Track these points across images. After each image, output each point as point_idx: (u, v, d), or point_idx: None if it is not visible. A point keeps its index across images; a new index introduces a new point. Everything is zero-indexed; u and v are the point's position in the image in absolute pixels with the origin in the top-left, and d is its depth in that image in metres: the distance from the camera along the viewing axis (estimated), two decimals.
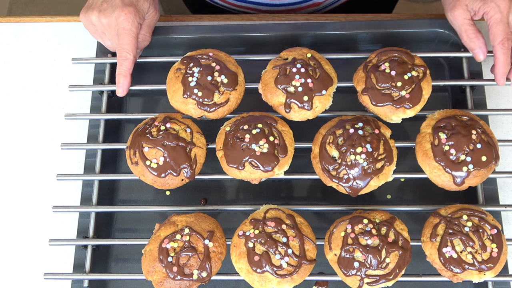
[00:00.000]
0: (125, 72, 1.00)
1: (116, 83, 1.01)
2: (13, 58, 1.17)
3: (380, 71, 0.95)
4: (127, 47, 0.98)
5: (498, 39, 0.95)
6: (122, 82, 1.00)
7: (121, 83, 1.00)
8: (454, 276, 0.86)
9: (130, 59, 0.99)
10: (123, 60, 0.99)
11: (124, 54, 0.99)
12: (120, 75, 1.00)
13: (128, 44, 0.98)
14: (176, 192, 1.06)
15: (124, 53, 0.99)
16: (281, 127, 0.95)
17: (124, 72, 1.00)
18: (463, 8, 0.97)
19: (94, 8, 1.00)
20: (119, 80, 1.00)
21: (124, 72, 1.00)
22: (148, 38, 1.04)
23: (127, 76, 1.00)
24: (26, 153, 1.10)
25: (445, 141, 0.90)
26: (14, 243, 1.05)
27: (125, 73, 1.00)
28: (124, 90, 1.01)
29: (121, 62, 0.99)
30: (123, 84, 1.01)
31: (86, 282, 0.96)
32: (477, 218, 0.88)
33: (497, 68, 0.97)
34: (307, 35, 1.09)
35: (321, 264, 0.92)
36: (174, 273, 0.86)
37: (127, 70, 1.00)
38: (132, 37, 0.98)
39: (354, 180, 0.90)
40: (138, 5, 0.99)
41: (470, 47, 0.99)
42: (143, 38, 1.03)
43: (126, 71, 1.00)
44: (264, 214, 0.89)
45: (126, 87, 1.01)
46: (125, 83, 1.00)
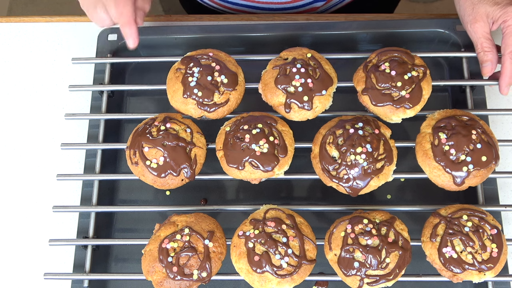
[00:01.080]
0: (128, 20, 0.93)
1: (124, 36, 0.95)
2: (13, 58, 1.17)
3: (380, 71, 0.95)
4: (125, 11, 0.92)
5: (510, 48, 0.95)
6: (129, 31, 0.94)
7: (127, 33, 0.94)
8: (454, 276, 0.86)
9: (130, 4, 0.93)
10: (122, 8, 0.92)
11: (121, 5, 0.92)
12: (125, 25, 0.93)
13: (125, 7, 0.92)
14: (176, 192, 1.06)
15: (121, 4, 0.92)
16: (281, 127, 0.95)
17: (127, 20, 0.93)
18: (483, 20, 0.96)
19: None
20: (125, 32, 0.94)
21: (127, 19, 0.93)
22: (148, 2, 0.99)
23: (132, 24, 0.94)
24: (26, 153, 1.10)
25: (445, 141, 0.90)
26: (14, 243, 1.05)
27: (128, 20, 0.93)
28: (135, 39, 0.95)
29: (121, 11, 0.92)
30: (130, 34, 0.94)
31: (86, 282, 0.96)
32: (477, 218, 0.88)
33: (503, 78, 0.97)
34: (307, 35, 1.09)
35: (321, 264, 0.92)
36: (174, 273, 0.86)
37: (130, 18, 0.93)
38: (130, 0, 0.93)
39: (354, 180, 0.90)
40: None
41: (482, 60, 0.98)
42: (143, 1, 0.98)
43: (130, 19, 0.93)
44: (264, 214, 0.89)
45: (135, 35, 0.94)
46: (132, 31, 0.94)
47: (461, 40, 1.07)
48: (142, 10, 0.99)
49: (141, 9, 0.98)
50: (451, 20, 1.08)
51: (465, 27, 1.00)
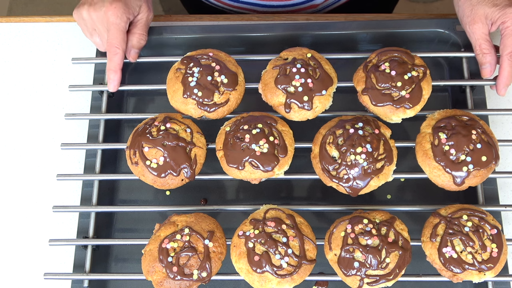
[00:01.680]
0: (115, 67, 1.00)
1: (107, 79, 1.02)
2: (13, 58, 1.17)
3: (380, 71, 0.95)
4: (115, 42, 0.99)
5: (508, 50, 0.95)
6: (113, 77, 1.01)
7: (111, 79, 1.01)
8: (454, 276, 0.86)
9: (119, 53, 1.00)
10: (113, 55, 1.00)
11: (113, 50, 0.99)
12: (111, 71, 1.01)
13: (117, 38, 0.99)
14: (176, 192, 1.06)
15: (113, 48, 0.99)
16: (281, 127, 0.95)
17: (114, 67, 1.00)
18: (482, 21, 0.96)
19: (85, 3, 1.01)
20: (109, 76, 1.01)
21: (114, 67, 1.00)
22: (144, 37, 1.04)
23: (117, 71, 1.01)
24: (26, 153, 1.10)
25: (445, 141, 0.90)
26: (14, 243, 1.05)
27: (115, 68, 1.00)
28: (116, 86, 1.02)
29: (111, 58, 1.00)
30: (113, 80, 1.01)
31: (86, 282, 0.96)
32: (477, 218, 0.88)
33: (501, 79, 0.97)
34: (307, 35, 1.09)
35: (321, 264, 0.92)
36: (174, 273, 0.86)
37: (117, 65, 1.00)
38: (121, 31, 0.99)
39: (354, 180, 0.90)
40: (127, 1, 0.99)
41: (481, 62, 0.98)
42: (139, 38, 1.03)
43: (116, 66, 1.00)
44: (264, 214, 0.89)
45: (117, 82, 1.02)
46: (115, 78, 1.01)
47: (461, 40, 1.07)
48: (137, 48, 1.04)
49: (136, 47, 1.03)
50: (451, 20, 1.08)
51: (464, 28, 1.00)
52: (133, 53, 1.03)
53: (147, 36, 1.05)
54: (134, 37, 1.03)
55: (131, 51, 1.03)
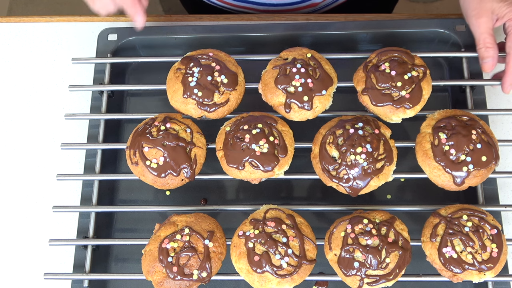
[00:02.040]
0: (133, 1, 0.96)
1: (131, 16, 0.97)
2: (13, 58, 1.17)
3: (380, 71, 0.95)
4: None
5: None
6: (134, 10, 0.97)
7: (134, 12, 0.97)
8: (454, 276, 0.86)
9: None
10: None
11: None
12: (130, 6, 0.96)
13: None
14: (176, 192, 1.06)
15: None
16: (281, 127, 0.95)
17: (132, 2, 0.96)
18: (488, 15, 0.96)
19: None
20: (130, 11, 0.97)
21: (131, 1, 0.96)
22: None
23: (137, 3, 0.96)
24: (26, 153, 1.10)
25: (445, 141, 0.90)
26: (14, 243, 1.05)
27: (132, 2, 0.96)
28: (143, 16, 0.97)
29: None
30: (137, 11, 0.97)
31: (86, 282, 0.96)
32: (477, 218, 0.88)
33: (507, 76, 0.97)
34: (307, 35, 1.09)
35: (321, 264, 0.92)
36: (174, 273, 0.86)
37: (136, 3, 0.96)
38: None
39: (354, 180, 0.90)
40: None
41: (483, 56, 0.98)
42: None
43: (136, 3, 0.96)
44: (264, 214, 0.89)
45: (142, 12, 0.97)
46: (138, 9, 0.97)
47: (461, 40, 1.07)
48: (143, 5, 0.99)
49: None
50: (451, 20, 1.08)
51: (468, 21, 1.00)
52: None
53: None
54: None
55: None
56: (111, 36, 1.11)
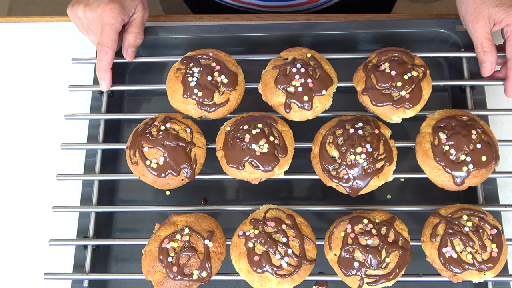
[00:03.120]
0: (105, 67, 1.01)
1: (98, 79, 1.02)
2: (13, 58, 1.17)
3: (380, 71, 0.95)
4: (106, 41, 0.99)
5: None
6: (103, 76, 1.02)
7: (102, 78, 1.02)
8: (454, 276, 0.86)
9: (110, 53, 1.00)
10: (103, 55, 1.00)
11: (104, 49, 1.00)
12: (100, 70, 1.01)
13: (108, 37, 0.99)
14: (176, 192, 1.06)
15: (104, 47, 0.99)
16: (281, 127, 0.95)
17: (104, 67, 1.01)
18: (485, 20, 0.96)
19: (81, 2, 1.01)
20: (99, 75, 1.02)
21: (104, 67, 1.01)
22: (140, 35, 1.04)
23: (107, 71, 1.01)
24: (26, 153, 1.10)
25: (445, 141, 0.90)
26: (14, 243, 1.05)
27: (104, 67, 1.01)
28: (108, 84, 1.02)
29: (101, 57, 1.00)
30: (104, 79, 1.02)
31: (86, 282, 0.96)
32: (477, 218, 0.88)
33: (509, 81, 0.97)
34: (307, 35, 1.09)
35: (321, 264, 0.92)
36: (174, 273, 0.86)
37: (106, 65, 1.01)
38: (113, 31, 0.99)
39: (354, 180, 0.90)
40: (124, 2, 1.00)
41: (482, 60, 0.98)
42: (135, 36, 1.03)
43: (106, 66, 1.01)
44: (264, 214, 0.89)
45: (109, 81, 1.02)
46: (106, 77, 1.02)
47: (461, 40, 1.07)
48: (134, 46, 1.04)
49: (133, 46, 1.04)
50: (451, 20, 1.08)
51: (466, 26, 1.00)
52: (130, 51, 1.03)
53: (143, 35, 1.05)
54: (130, 36, 1.03)
55: (128, 50, 1.03)
56: None
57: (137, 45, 1.04)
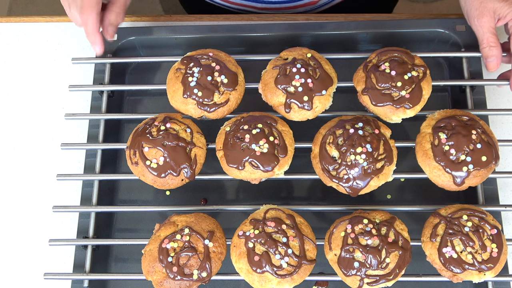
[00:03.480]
0: (92, 30, 0.97)
1: (90, 43, 0.99)
2: (13, 58, 1.17)
3: (380, 71, 0.95)
4: (88, 4, 0.95)
5: None
6: (93, 39, 0.98)
7: (93, 41, 0.98)
8: (454, 276, 0.86)
9: (93, 14, 0.96)
10: (87, 18, 0.96)
11: (86, 11, 0.95)
12: (89, 34, 0.98)
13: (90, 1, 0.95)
14: (176, 192, 1.06)
15: (86, 10, 0.95)
16: (281, 127, 0.95)
17: (91, 30, 0.97)
18: (490, 15, 0.96)
19: None
20: (90, 39, 0.98)
21: (91, 29, 0.97)
22: (121, 16, 1.01)
23: (96, 33, 0.98)
24: (26, 153, 1.10)
25: (445, 141, 0.90)
26: (14, 243, 1.05)
27: (92, 30, 0.97)
28: (100, 47, 0.99)
29: (86, 21, 0.96)
30: (95, 42, 0.98)
31: (86, 282, 0.96)
32: (477, 218, 0.88)
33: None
34: (307, 35, 1.09)
35: (321, 264, 0.92)
36: (174, 273, 0.86)
37: (94, 27, 0.97)
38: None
39: (354, 180, 0.90)
40: None
41: (487, 55, 0.98)
42: (116, 15, 1.00)
43: (93, 28, 0.97)
44: (264, 214, 0.89)
45: (100, 43, 0.99)
46: (96, 39, 0.98)
47: (461, 40, 1.07)
48: (115, 25, 1.01)
49: (114, 24, 1.01)
50: (451, 20, 1.08)
51: (470, 22, 1.00)
52: (110, 30, 1.00)
53: (124, 15, 1.02)
54: (111, 15, 1.00)
55: (109, 28, 1.00)
56: None
57: (117, 24, 1.01)
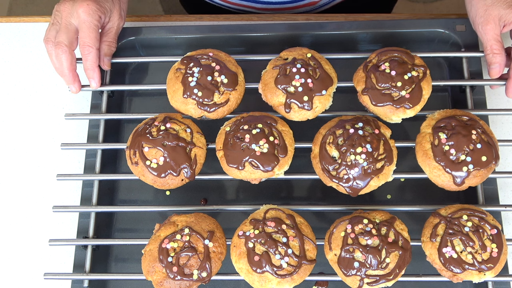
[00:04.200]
0: (91, 65, 1.01)
1: (88, 78, 1.02)
2: (13, 58, 1.17)
3: (380, 71, 0.95)
4: (87, 40, 0.99)
5: None
6: (92, 75, 1.01)
7: (91, 77, 1.02)
8: (454, 276, 0.86)
9: (93, 51, 1.00)
10: (87, 54, 1.00)
11: (86, 49, 0.99)
12: (88, 70, 1.01)
13: (89, 36, 0.99)
14: (176, 192, 1.06)
15: (86, 47, 0.99)
16: (281, 127, 0.95)
17: (90, 66, 1.00)
18: (495, 22, 0.96)
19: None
20: (88, 74, 1.02)
21: (90, 65, 1.00)
22: (114, 45, 1.05)
23: (95, 69, 1.01)
24: (26, 153, 1.10)
25: (445, 141, 0.90)
26: (14, 243, 1.05)
27: (91, 66, 1.01)
28: (97, 82, 1.02)
29: (86, 57, 1.00)
30: (93, 77, 1.02)
31: (86, 282, 0.96)
32: (477, 218, 0.88)
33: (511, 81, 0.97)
34: (307, 35, 1.09)
35: (321, 264, 0.92)
36: (174, 273, 0.86)
37: (93, 63, 1.00)
38: (93, 29, 0.99)
39: (354, 180, 0.90)
40: (100, 2, 0.99)
41: (490, 62, 0.98)
42: (109, 45, 1.04)
43: (93, 64, 1.01)
44: (264, 214, 0.89)
45: (98, 79, 1.02)
46: (95, 75, 1.02)
47: (461, 40, 1.07)
48: (109, 55, 1.04)
49: (108, 55, 1.04)
50: (451, 20, 1.08)
51: (475, 28, 1.00)
52: (106, 60, 1.04)
53: (116, 44, 1.06)
54: (104, 45, 1.03)
55: (104, 59, 1.04)
56: None
57: (111, 53, 1.05)
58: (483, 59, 1.08)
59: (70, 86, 1.02)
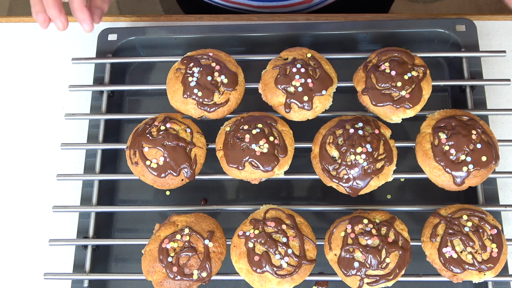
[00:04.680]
0: (79, 6, 0.92)
1: (78, 21, 0.93)
2: (13, 58, 1.17)
3: (380, 71, 0.95)
4: None
5: None
6: (81, 16, 0.93)
7: (80, 18, 0.93)
8: (454, 276, 0.86)
9: None
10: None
11: None
12: (76, 11, 0.92)
13: None
14: (176, 192, 1.06)
15: None
16: (281, 127, 0.95)
17: (78, 7, 0.92)
18: None
19: None
20: (78, 16, 0.93)
21: (78, 6, 0.92)
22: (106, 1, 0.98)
23: (83, 9, 0.92)
24: (26, 153, 1.10)
25: (445, 141, 0.90)
26: (14, 243, 1.05)
27: (79, 6, 0.92)
28: (89, 24, 0.94)
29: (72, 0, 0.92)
30: (83, 19, 0.93)
31: (86, 282, 0.96)
32: (477, 218, 0.88)
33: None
34: (307, 35, 1.09)
35: (321, 264, 0.92)
36: (174, 273, 0.86)
37: (80, 3, 0.92)
38: None
39: (354, 180, 0.90)
40: None
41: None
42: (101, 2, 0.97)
43: (80, 4, 0.92)
44: (264, 214, 0.90)
45: (89, 20, 0.93)
46: (84, 17, 0.93)
47: (461, 40, 1.07)
48: (101, 9, 0.97)
49: (99, 8, 0.97)
50: (451, 20, 1.08)
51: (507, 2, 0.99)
52: (97, 12, 0.96)
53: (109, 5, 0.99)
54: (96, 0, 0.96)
55: (96, 10, 0.96)
56: (111, 36, 1.11)
57: (103, 9, 0.98)
58: (483, 59, 1.08)
59: (56, 21, 0.92)
